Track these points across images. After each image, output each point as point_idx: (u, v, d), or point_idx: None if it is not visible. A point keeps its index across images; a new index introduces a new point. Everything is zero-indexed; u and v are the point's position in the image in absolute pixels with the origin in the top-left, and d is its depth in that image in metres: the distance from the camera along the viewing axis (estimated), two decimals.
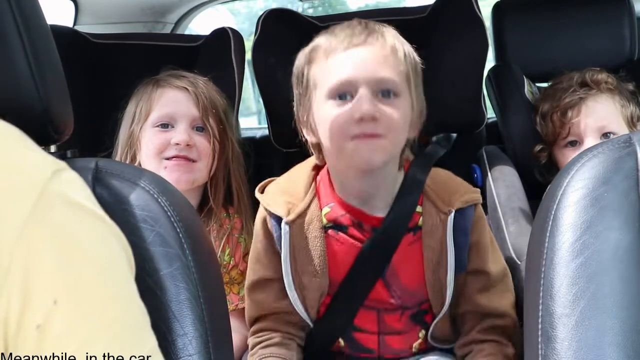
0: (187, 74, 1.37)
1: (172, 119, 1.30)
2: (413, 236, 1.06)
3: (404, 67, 0.99)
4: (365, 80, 0.96)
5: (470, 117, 1.54)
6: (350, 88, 0.97)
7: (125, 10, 1.95)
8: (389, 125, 0.96)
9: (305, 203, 1.07)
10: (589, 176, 0.69)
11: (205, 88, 1.34)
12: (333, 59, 0.99)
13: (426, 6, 1.62)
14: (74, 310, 0.54)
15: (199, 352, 0.69)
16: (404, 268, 1.06)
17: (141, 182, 0.74)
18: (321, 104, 1.00)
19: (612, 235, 0.66)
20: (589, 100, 1.38)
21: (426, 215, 1.06)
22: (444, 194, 1.07)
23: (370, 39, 0.98)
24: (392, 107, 0.97)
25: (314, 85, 1.02)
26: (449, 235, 1.04)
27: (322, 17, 1.66)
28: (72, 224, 0.58)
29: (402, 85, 0.99)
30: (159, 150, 1.28)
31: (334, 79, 0.97)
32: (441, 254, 1.05)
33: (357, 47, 0.98)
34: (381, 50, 0.98)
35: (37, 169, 0.58)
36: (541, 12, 1.62)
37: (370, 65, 0.97)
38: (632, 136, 0.71)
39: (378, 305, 1.08)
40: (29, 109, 0.70)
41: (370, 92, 0.96)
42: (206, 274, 0.74)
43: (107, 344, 0.55)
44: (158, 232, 0.72)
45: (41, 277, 0.54)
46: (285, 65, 1.54)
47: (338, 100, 0.97)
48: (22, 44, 0.68)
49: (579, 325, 0.64)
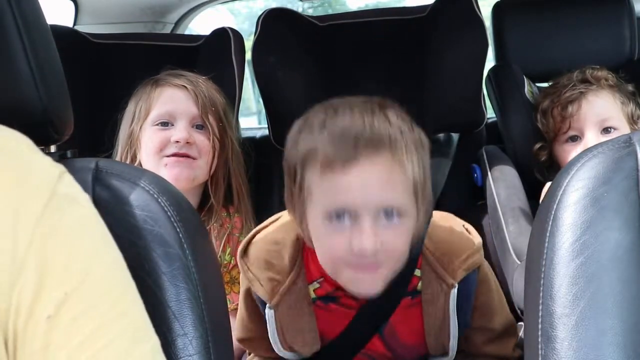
0: (186, 73, 1.37)
1: (171, 117, 1.30)
2: (411, 300, 0.98)
3: (412, 182, 0.87)
4: (366, 206, 0.84)
5: (470, 117, 1.54)
6: (349, 211, 0.84)
7: (125, 10, 1.95)
8: (390, 255, 0.87)
9: (292, 279, 0.97)
10: (589, 176, 0.69)
11: (204, 86, 1.35)
12: (330, 177, 0.84)
13: (426, 6, 1.63)
14: (83, 303, 0.56)
15: (199, 352, 0.69)
16: (403, 328, 1.00)
17: (141, 182, 0.74)
18: (315, 221, 0.88)
19: (612, 235, 0.66)
20: (589, 95, 1.39)
21: (425, 282, 0.97)
22: (444, 258, 0.97)
23: (375, 153, 0.83)
24: (395, 232, 0.86)
25: (308, 194, 0.88)
26: (452, 306, 0.97)
27: (322, 17, 1.67)
28: (81, 223, 0.61)
29: (409, 203, 0.87)
30: (159, 148, 1.28)
31: (331, 202, 0.85)
32: (443, 321, 0.98)
33: (359, 166, 0.83)
34: (386, 169, 0.84)
35: (46, 172, 0.61)
36: (541, 11, 1.62)
37: (373, 190, 0.84)
38: (632, 136, 0.71)
39: (374, 355, 1.03)
40: (29, 109, 0.70)
41: (372, 219, 0.84)
42: (206, 274, 0.74)
43: (113, 337, 0.57)
44: (158, 232, 0.72)
45: (53, 271, 0.56)
46: (285, 64, 1.55)
47: (335, 222, 0.85)
48: (23, 44, 0.68)
49: (579, 325, 0.64)
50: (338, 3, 4.13)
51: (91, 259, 0.59)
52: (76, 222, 0.60)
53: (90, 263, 0.59)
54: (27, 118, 0.71)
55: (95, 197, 0.72)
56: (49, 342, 0.54)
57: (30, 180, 0.59)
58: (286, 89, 1.52)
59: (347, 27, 1.62)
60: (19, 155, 0.61)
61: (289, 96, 1.52)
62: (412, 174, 0.86)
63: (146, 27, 2.02)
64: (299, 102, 1.50)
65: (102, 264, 0.60)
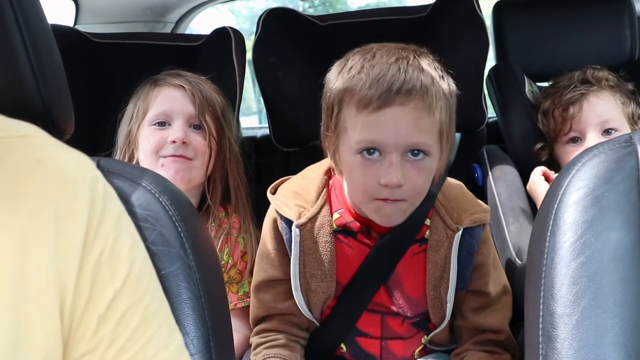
0: (185, 73, 1.37)
1: (168, 117, 1.30)
2: (419, 247, 1.06)
3: (439, 126, 0.95)
4: (396, 145, 0.93)
5: (470, 117, 1.54)
6: (379, 148, 0.94)
7: (125, 9, 1.95)
8: (413, 190, 0.96)
9: (317, 208, 1.06)
10: (589, 176, 0.69)
11: (202, 86, 1.34)
12: (364, 115, 0.93)
13: (427, 5, 1.62)
14: (129, 300, 0.58)
15: (200, 352, 0.69)
16: (407, 277, 1.07)
17: (142, 181, 0.74)
18: (349, 153, 0.97)
19: (612, 235, 0.66)
20: (590, 96, 1.39)
21: (433, 230, 1.05)
22: (453, 211, 1.06)
23: (406, 99, 0.91)
24: (419, 169, 0.95)
25: (343, 129, 0.98)
26: (453, 252, 1.04)
27: (322, 17, 1.66)
28: (123, 220, 0.62)
29: (434, 144, 0.96)
30: (156, 148, 1.28)
31: (364, 137, 0.94)
32: (444, 269, 1.05)
33: (392, 108, 0.91)
34: (416, 112, 0.92)
35: (85, 166, 0.61)
36: (542, 11, 1.62)
37: (403, 130, 0.92)
38: (632, 136, 0.71)
39: (381, 309, 1.09)
40: (30, 108, 0.70)
41: (399, 156, 0.93)
42: (207, 273, 0.74)
43: (154, 333, 0.59)
44: (159, 231, 0.72)
45: (104, 268, 0.58)
46: (286, 64, 1.54)
47: (366, 156, 0.95)
48: (24, 44, 0.68)
49: (579, 325, 0.64)
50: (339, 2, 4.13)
51: (131, 255, 0.60)
52: (120, 217, 0.62)
53: (131, 259, 0.60)
54: (28, 117, 0.71)
55: None
56: (100, 340, 0.56)
57: (74, 180, 0.59)
58: (287, 88, 1.52)
59: (348, 27, 1.61)
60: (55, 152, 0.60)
61: (290, 96, 1.52)
62: (439, 118, 0.95)
63: (147, 26, 2.02)
64: (299, 101, 1.50)
65: (139, 260, 0.62)
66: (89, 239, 0.57)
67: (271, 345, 1.09)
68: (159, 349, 0.59)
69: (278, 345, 1.09)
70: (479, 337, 1.08)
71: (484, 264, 1.07)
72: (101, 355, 0.56)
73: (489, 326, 1.08)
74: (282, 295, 1.10)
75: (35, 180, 0.56)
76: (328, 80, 1.01)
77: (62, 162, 0.59)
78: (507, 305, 1.11)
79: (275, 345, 1.09)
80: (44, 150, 0.59)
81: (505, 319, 1.10)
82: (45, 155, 0.58)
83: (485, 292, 1.08)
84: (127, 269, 0.59)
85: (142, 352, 0.58)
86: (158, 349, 0.59)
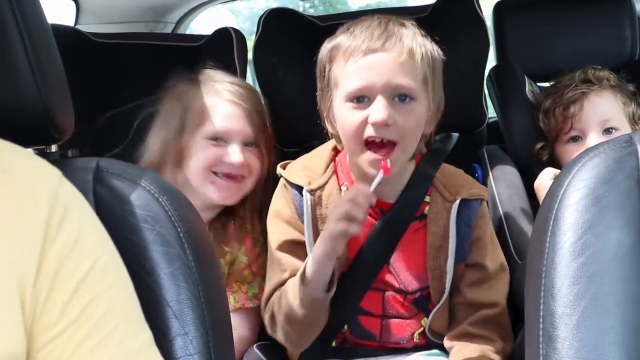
0: (235, 79, 1.35)
1: (227, 135, 1.28)
2: (419, 223, 1.12)
3: (421, 70, 1.03)
4: (381, 87, 1.01)
5: (471, 117, 1.54)
6: (367, 93, 1.02)
7: (126, 10, 1.95)
8: (402, 131, 1.03)
9: (325, 178, 1.14)
10: (590, 176, 0.69)
11: (256, 100, 1.34)
12: (351, 63, 1.02)
13: (427, 6, 1.62)
14: (94, 290, 0.61)
15: (199, 352, 0.69)
16: (408, 252, 1.12)
17: (142, 181, 0.74)
18: (340, 104, 1.05)
19: (613, 235, 0.66)
20: (591, 95, 1.39)
21: (432, 204, 1.12)
22: (451, 186, 1.13)
23: (387, 44, 1.01)
24: (406, 112, 1.02)
25: (334, 84, 1.07)
26: (452, 220, 1.10)
27: (323, 17, 1.67)
28: (87, 218, 0.65)
29: (419, 89, 1.04)
30: (210, 165, 1.27)
31: (352, 84, 1.02)
32: (443, 239, 1.10)
33: (375, 53, 1.01)
34: (398, 57, 1.01)
35: (48, 173, 0.65)
36: (542, 11, 1.62)
37: (387, 73, 1.01)
38: (633, 136, 0.71)
39: (383, 287, 1.12)
40: (30, 109, 0.70)
41: (386, 98, 1.01)
42: (207, 273, 0.74)
43: (121, 321, 0.61)
44: (159, 231, 0.72)
45: (67, 261, 0.60)
46: (286, 64, 1.54)
47: (355, 103, 1.03)
48: (23, 44, 0.68)
49: (580, 325, 0.64)
50: (339, 3, 4.14)
51: (96, 250, 0.63)
52: (84, 217, 0.64)
53: (96, 253, 0.62)
54: (27, 118, 0.71)
55: (96, 197, 0.72)
56: (65, 327, 0.58)
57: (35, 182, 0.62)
58: (287, 88, 1.52)
59: None
60: (16, 165, 0.63)
61: (290, 96, 1.52)
62: (421, 65, 1.03)
63: (147, 26, 2.02)
64: (300, 101, 1.50)
65: (105, 255, 0.64)
66: (49, 236, 0.60)
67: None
68: (126, 337, 0.61)
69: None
70: (475, 315, 1.11)
71: (481, 237, 1.13)
72: (66, 342, 0.58)
73: (483, 300, 1.11)
74: (301, 257, 1.11)
75: (0, 188, 0.61)
76: (321, 48, 1.11)
77: (25, 171, 0.63)
78: (503, 281, 1.15)
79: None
80: (10, 162, 0.63)
81: (500, 293, 1.13)
82: (11, 166, 0.62)
83: (482, 265, 1.12)
84: (92, 262, 0.61)
85: (108, 339, 0.59)
86: (125, 337, 0.61)
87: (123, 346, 0.60)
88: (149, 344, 0.64)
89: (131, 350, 0.61)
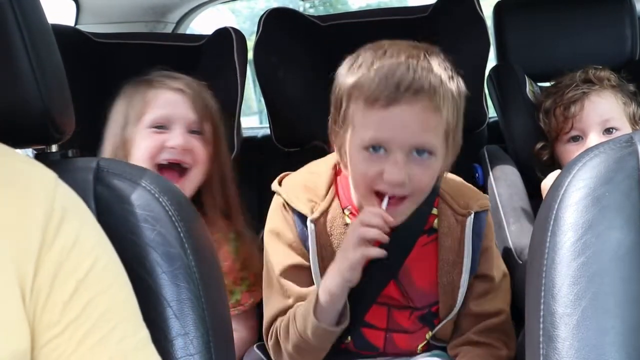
0: (181, 75, 1.33)
1: (168, 121, 1.26)
2: (427, 237, 1.08)
3: (445, 126, 0.97)
4: (401, 144, 0.94)
5: (471, 117, 1.52)
6: (384, 145, 0.95)
7: (126, 9, 1.95)
8: (417, 187, 0.98)
9: (327, 202, 1.07)
10: (590, 175, 0.69)
11: (200, 91, 1.31)
12: (372, 112, 0.94)
13: (428, 6, 1.62)
14: (93, 289, 0.62)
15: (199, 352, 0.69)
16: (417, 268, 1.08)
17: (142, 181, 0.74)
18: (355, 148, 0.98)
19: (613, 235, 0.66)
20: (592, 95, 1.39)
21: (442, 217, 1.07)
22: (459, 198, 1.09)
23: (414, 98, 0.93)
24: (423, 167, 0.97)
25: (350, 124, 0.99)
26: (467, 236, 1.06)
27: (323, 17, 1.67)
28: (85, 220, 0.66)
29: (440, 144, 0.97)
30: (153, 153, 1.24)
31: (370, 134, 0.95)
32: (458, 254, 1.06)
33: (399, 107, 0.93)
34: (422, 112, 0.93)
35: (45, 176, 0.65)
36: (542, 11, 1.62)
37: (409, 129, 0.94)
38: (633, 135, 0.71)
39: (389, 302, 1.09)
40: (30, 109, 0.70)
41: (404, 154, 0.95)
42: (207, 273, 0.74)
43: (122, 320, 0.62)
44: (159, 231, 0.72)
45: (66, 262, 0.61)
46: (287, 64, 1.54)
47: (371, 152, 0.96)
48: (24, 44, 0.68)
49: (580, 325, 0.64)
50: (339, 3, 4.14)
51: (95, 250, 0.64)
52: (82, 220, 0.65)
53: (95, 254, 0.63)
54: (28, 117, 0.71)
55: (97, 196, 0.72)
56: (66, 325, 0.60)
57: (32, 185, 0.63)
58: (287, 88, 1.52)
59: (349, 27, 1.61)
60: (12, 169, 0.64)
61: (291, 96, 1.52)
62: (446, 119, 0.96)
63: (147, 26, 2.01)
64: (300, 101, 1.50)
65: (104, 256, 0.65)
66: (47, 240, 0.60)
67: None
68: (125, 335, 0.62)
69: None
70: (480, 325, 1.09)
71: (489, 247, 1.11)
72: (68, 339, 0.59)
73: (488, 311, 1.10)
74: (305, 282, 1.08)
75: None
76: (338, 74, 1.02)
77: (22, 175, 0.64)
78: (506, 288, 1.14)
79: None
80: (7, 167, 0.64)
81: (505, 302, 1.12)
82: (7, 171, 0.63)
83: (489, 276, 1.10)
84: (91, 263, 0.62)
85: (109, 337, 0.61)
86: (124, 336, 0.62)
87: (122, 345, 0.61)
88: (146, 342, 0.65)
89: (130, 348, 0.62)
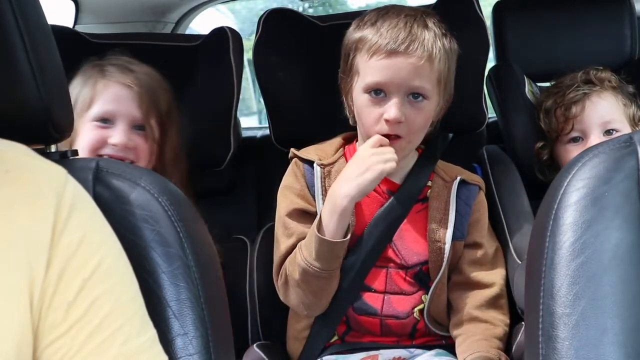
0: (135, 66, 1.32)
1: (112, 116, 1.25)
2: (421, 205, 1.22)
3: (437, 74, 1.13)
4: (398, 87, 1.11)
5: (471, 117, 1.54)
6: (384, 88, 1.12)
7: (126, 9, 1.95)
8: (411, 127, 1.13)
9: (335, 158, 1.24)
10: (589, 176, 0.69)
11: (150, 84, 1.30)
12: (374, 60, 1.11)
13: (427, 6, 1.62)
14: (98, 289, 0.61)
15: (199, 352, 0.69)
16: (410, 231, 1.20)
17: (141, 181, 0.74)
18: (359, 92, 1.15)
19: (612, 234, 0.66)
20: (593, 96, 1.39)
21: (434, 185, 1.23)
22: (451, 172, 1.25)
23: (409, 49, 1.10)
24: (418, 110, 1.13)
25: (355, 71, 1.16)
26: (452, 195, 1.20)
27: (323, 17, 1.66)
28: (93, 217, 0.66)
29: (433, 89, 1.14)
30: (95, 147, 1.24)
31: (372, 78, 1.12)
32: (444, 212, 1.20)
33: (397, 56, 1.10)
34: (417, 61, 1.10)
35: (55, 172, 0.65)
36: (542, 11, 1.62)
37: (405, 75, 1.10)
38: (632, 136, 0.71)
39: (386, 263, 1.19)
40: (29, 109, 0.70)
41: (401, 97, 1.11)
42: (207, 273, 0.74)
43: (126, 320, 0.62)
44: (158, 231, 0.72)
45: (72, 260, 0.60)
46: (286, 64, 1.54)
47: (373, 96, 1.13)
48: (23, 44, 0.68)
49: (579, 325, 0.64)
50: (339, 3, 4.14)
51: (101, 249, 0.63)
52: (90, 215, 0.65)
53: (102, 251, 0.63)
54: (27, 118, 0.71)
55: (96, 197, 0.72)
56: (70, 325, 0.59)
57: (43, 181, 0.63)
58: (287, 89, 1.52)
59: (348, 27, 1.61)
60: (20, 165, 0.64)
61: (290, 96, 1.52)
62: (438, 68, 1.13)
63: (147, 26, 2.01)
64: (299, 102, 1.50)
65: (112, 253, 0.64)
66: (55, 235, 0.60)
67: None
68: (130, 336, 0.61)
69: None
70: (475, 298, 1.18)
71: (480, 220, 1.24)
72: (72, 340, 0.59)
73: (482, 280, 1.19)
74: (309, 225, 1.15)
75: (3, 189, 0.61)
76: (348, 32, 1.20)
77: (30, 171, 0.63)
78: (500, 261, 1.24)
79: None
80: (14, 162, 0.63)
81: (499, 275, 1.21)
82: (13, 167, 0.63)
83: (480, 244, 1.22)
84: (97, 261, 0.62)
85: (113, 338, 0.60)
86: (129, 336, 0.61)
87: (127, 345, 0.61)
88: (153, 342, 0.64)
89: (135, 349, 0.61)
